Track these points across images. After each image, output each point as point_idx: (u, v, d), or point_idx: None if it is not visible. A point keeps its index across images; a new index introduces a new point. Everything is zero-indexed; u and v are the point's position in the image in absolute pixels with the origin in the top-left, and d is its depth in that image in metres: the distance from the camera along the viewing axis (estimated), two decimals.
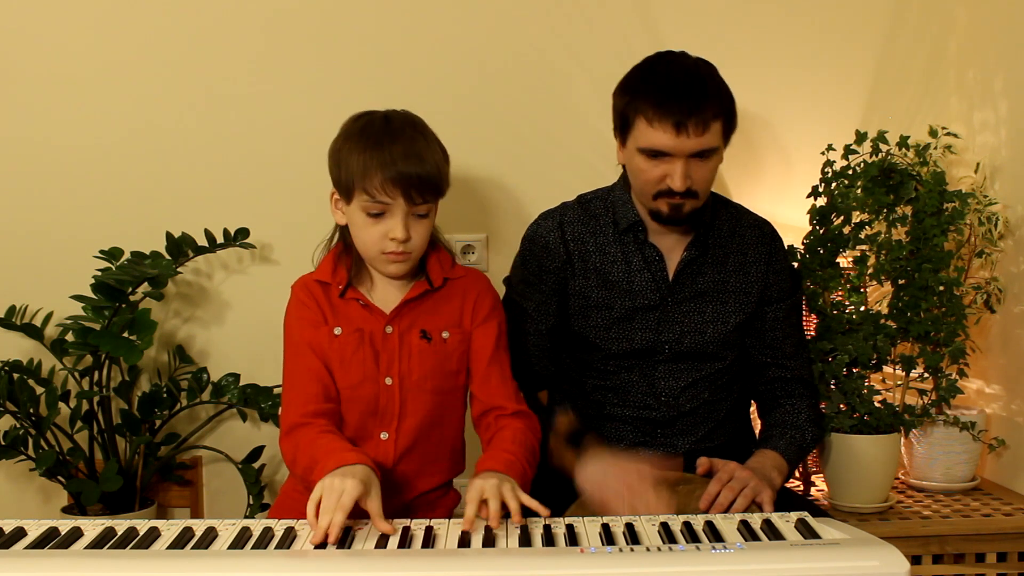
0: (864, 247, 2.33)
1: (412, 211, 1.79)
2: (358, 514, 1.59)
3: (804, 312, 2.29)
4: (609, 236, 2.08)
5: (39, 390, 2.33)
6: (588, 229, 2.09)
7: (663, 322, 2.06)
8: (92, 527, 1.56)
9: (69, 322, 2.26)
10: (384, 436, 1.85)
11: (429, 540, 1.51)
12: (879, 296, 2.42)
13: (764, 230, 2.15)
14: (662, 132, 1.90)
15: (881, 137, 2.35)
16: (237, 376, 2.45)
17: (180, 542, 1.50)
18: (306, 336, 1.86)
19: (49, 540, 1.51)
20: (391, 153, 1.76)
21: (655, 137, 1.91)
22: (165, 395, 2.42)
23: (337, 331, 1.85)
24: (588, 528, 1.56)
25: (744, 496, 1.82)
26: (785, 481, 2.04)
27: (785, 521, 1.58)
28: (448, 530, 1.55)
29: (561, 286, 2.09)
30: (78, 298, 2.26)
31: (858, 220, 2.32)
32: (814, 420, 2.13)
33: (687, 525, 1.56)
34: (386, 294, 1.88)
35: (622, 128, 1.99)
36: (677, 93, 1.89)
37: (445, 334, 1.88)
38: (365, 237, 1.81)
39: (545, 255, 2.09)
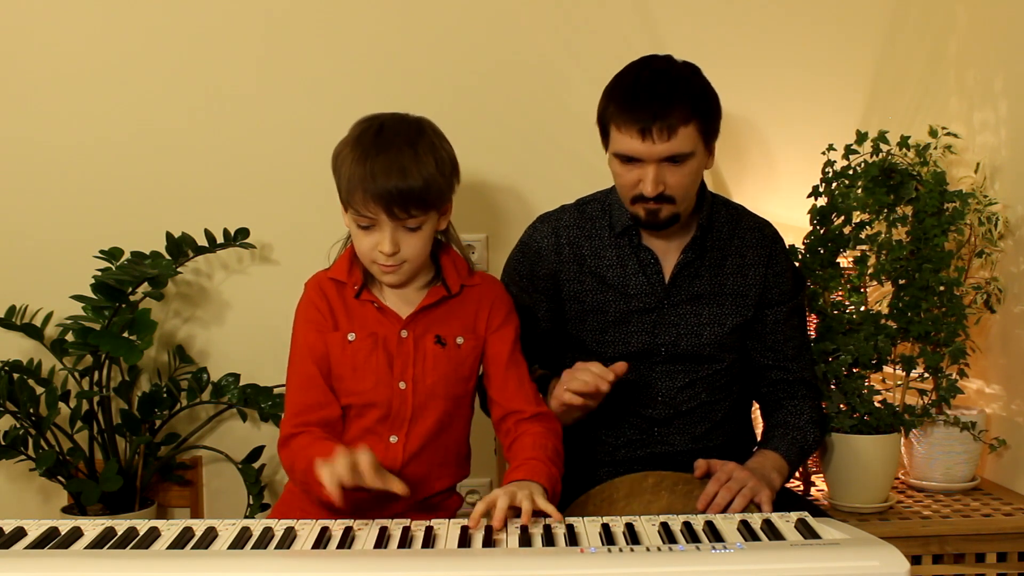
0: (864, 247, 2.33)
1: (400, 225, 1.76)
2: (356, 514, 1.61)
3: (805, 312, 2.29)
4: (605, 239, 2.08)
5: (39, 390, 2.33)
6: (584, 233, 2.09)
7: (659, 325, 2.06)
8: (92, 527, 1.56)
9: (69, 322, 2.26)
10: (393, 439, 1.85)
11: (429, 540, 1.51)
12: (879, 296, 2.42)
13: (764, 232, 2.14)
14: (628, 137, 1.90)
15: (881, 137, 2.35)
16: (237, 376, 2.45)
17: (180, 542, 1.50)
18: (307, 340, 1.85)
19: (49, 540, 1.51)
20: (372, 168, 1.73)
21: (623, 142, 1.91)
22: (165, 395, 2.42)
23: (351, 337, 1.84)
24: (588, 528, 1.56)
25: (742, 496, 1.82)
26: (785, 482, 2.04)
27: (785, 521, 1.58)
28: (448, 530, 1.55)
29: (553, 292, 2.09)
30: (78, 298, 2.26)
31: (858, 220, 2.32)
32: (816, 421, 2.13)
33: (687, 525, 1.56)
34: (401, 298, 1.87)
35: (602, 133, 2.00)
36: (641, 98, 1.89)
37: (459, 340, 1.87)
38: (359, 246, 1.81)
39: (537, 260, 2.09)
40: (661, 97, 1.89)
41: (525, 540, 1.53)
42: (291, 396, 1.85)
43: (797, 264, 2.31)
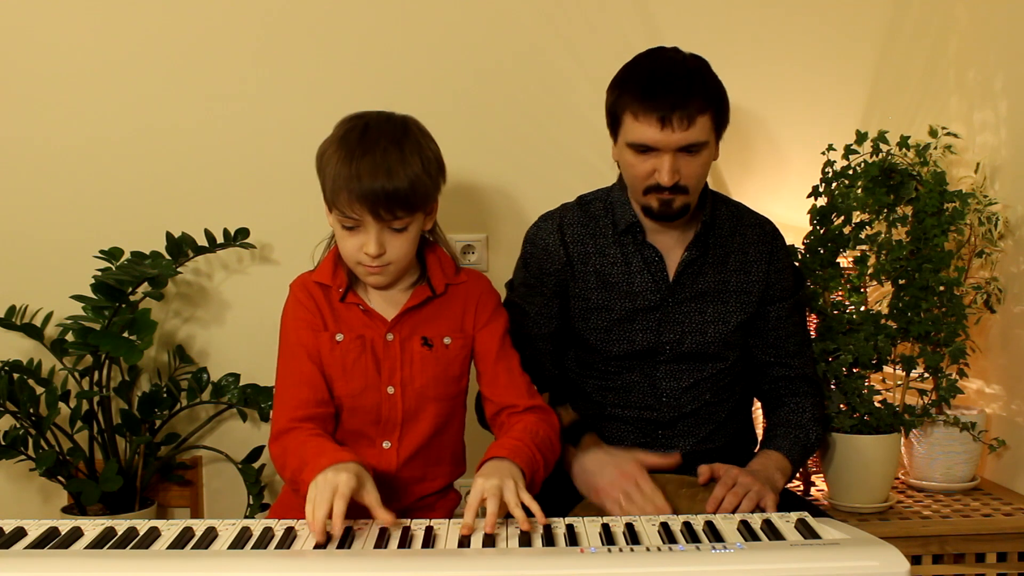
0: (864, 247, 2.33)
1: (385, 226, 1.74)
2: (357, 513, 1.60)
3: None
4: (608, 237, 2.08)
5: (39, 390, 2.33)
6: (588, 231, 2.08)
7: (664, 323, 2.06)
8: (92, 527, 1.56)
9: (69, 322, 2.26)
10: (387, 445, 1.84)
11: (429, 540, 1.51)
12: (879, 296, 2.42)
13: (765, 229, 2.14)
14: (647, 126, 1.90)
15: (881, 137, 2.35)
16: (237, 376, 2.45)
17: (180, 542, 1.50)
18: (301, 338, 1.83)
19: (49, 540, 1.51)
20: (358, 168, 1.70)
21: (640, 131, 1.91)
22: (165, 395, 2.42)
23: (339, 337, 1.82)
24: (588, 528, 1.56)
25: (748, 500, 1.82)
26: (788, 481, 2.04)
27: (785, 521, 1.58)
28: (448, 530, 1.55)
29: (562, 288, 2.09)
30: (78, 298, 2.26)
31: (858, 220, 2.32)
32: (818, 419, 2.13)
33: (687, 525, 1.56)
34: (386, 300, 1.85)
35: (612, 124, 1.99)
36: (661, 87, 1.89)
37: (447, 340, 1.85)
38: (344, 247, 1.79)
39: (545, 257, 2.09)
40: (681, 86, 1.89)
41: (525, 540, 1.53)
42: (287, 392, 1.81)
43: (797, 263, 2.31)
